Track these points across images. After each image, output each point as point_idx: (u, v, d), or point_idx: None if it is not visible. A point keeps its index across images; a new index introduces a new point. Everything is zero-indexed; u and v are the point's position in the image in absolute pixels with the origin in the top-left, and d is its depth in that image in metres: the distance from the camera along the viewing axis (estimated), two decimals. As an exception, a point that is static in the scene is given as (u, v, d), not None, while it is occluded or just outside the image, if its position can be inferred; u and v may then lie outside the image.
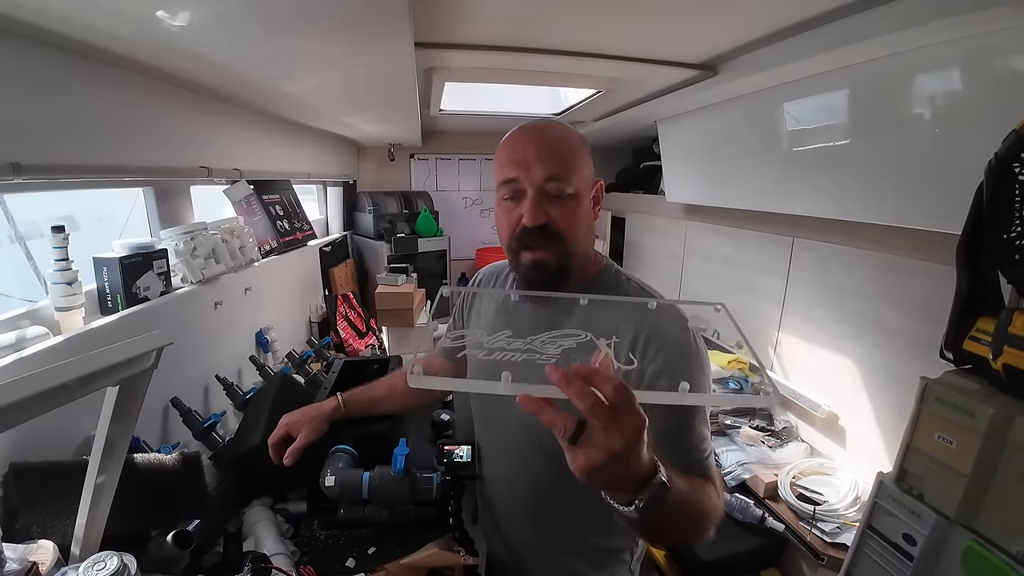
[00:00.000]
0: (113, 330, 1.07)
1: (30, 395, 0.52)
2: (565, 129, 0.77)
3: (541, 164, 0.72)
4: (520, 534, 0.88)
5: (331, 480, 1.02)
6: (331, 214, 3.10)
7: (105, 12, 0.78)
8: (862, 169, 1.39)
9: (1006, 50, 0.95)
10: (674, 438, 0.69)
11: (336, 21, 0.91)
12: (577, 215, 0.75)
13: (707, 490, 0.66)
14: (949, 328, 0.86)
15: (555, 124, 0.78)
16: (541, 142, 0.74)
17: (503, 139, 0.78)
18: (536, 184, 0.72)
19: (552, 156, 0.73)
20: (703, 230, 2.42)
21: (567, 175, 0.73)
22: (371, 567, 0.97)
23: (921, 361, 1.30)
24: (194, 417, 1.17)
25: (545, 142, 0.74)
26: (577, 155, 0.75)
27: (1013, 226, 0.74)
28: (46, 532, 0.77)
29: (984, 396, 0.78)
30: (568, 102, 2.25)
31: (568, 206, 0.74)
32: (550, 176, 0.72)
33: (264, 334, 1.82)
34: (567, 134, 0.76)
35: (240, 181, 1.80)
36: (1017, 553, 0.71)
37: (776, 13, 1.14)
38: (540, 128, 0.76)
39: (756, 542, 1.48)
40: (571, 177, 0.73)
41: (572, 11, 1.15)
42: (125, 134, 1.09)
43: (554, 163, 0.72)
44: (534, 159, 0.72)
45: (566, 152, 0.74)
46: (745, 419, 1.89)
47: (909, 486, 0.88)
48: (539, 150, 0.73)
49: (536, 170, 0.72)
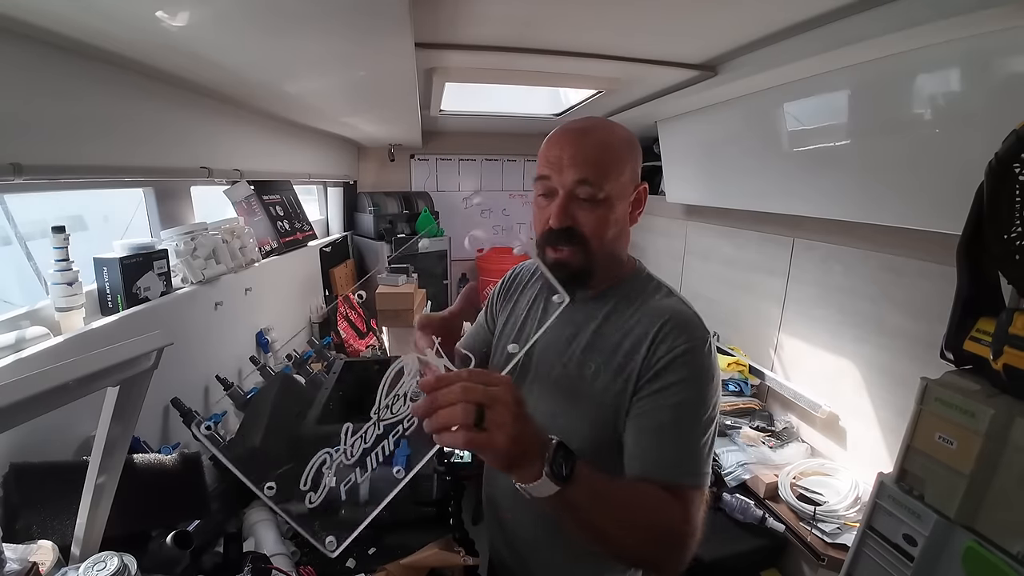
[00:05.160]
0: (113, 330, 1.07)
1: (30, 395, 0.52)
2: (609, 132, 0.76)
3: (574, 167, 0.72)
4: (523, 535, 0.88)
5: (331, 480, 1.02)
6: (331, 214, 3.10)
7: (105, 12, 0.79)
8: (862, 169, 1.39)
9: (1006, 50, 0.95)
10: (666, 439, 0.68)
11: (336, 22, 0.91)
12: (607, 220, 0.74)
13: (667, 504, 0.64)
14: (949, 328, 0.86)
15: (601, 126, 0.77)
16: (579, 144, 0.73)
17: (547, 138, 0.78)
18: (566, 187, 0.73)
19: (587, 160, 0.72)
20: (703, 230, 2.42)
21: (600, 180, 0.72)
22: (371, 567, 0.97)
23: (922, 361, 1.30)
24: (194, 417, 1.17)
25: (583, 145, 0.73)
26: (616, 160, 0.74)
27: (1013, 226, 0.74)
28: (46, 532, 0.77)
29: (984, 396, 0.78)
30: (568, 102, 2.25)
31: (597, 212, 0.73)
32: (581, 180, 0.72)
33: (264, 334, 1.82)
34: (609, 138, 0.75)
35: (240, 181, 1.79)
36: (1017, 553, 0.71)
37: (776, 13, 1.14)
38: (583, 130, 0.75)
39: (756, 542, 1.48)
40: (605, 182, 0.72)
41: (572, 11, 1.15)
42: (125, 134, 1.09)
43: (588, 167, 0.72)
44: (568, 161, 0.72)
45: (603, 157, 0.73)
46: (745, 419, 1.89)
47: (910, 486, 0.88)
48: (575, 153, 0.72)
49: (568, 172, 0.72)
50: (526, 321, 0.90)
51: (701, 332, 0.73)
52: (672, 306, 0.76)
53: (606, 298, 0.81)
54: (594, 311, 0.80)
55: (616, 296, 0.80)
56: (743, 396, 1.97)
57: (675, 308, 0.76)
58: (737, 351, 2.09)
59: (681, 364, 0.70)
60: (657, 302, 0.78)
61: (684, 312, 0.75)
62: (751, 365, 2.01)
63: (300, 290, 2.29)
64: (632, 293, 0.80)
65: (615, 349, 0.75)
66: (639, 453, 0.70)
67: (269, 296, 1.88)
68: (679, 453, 0.68)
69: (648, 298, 0.79)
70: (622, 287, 0.81)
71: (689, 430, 0.69)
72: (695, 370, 0.70)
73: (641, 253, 2.97)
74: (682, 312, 0.75)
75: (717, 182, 2.15)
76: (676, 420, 0.69)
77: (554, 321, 0.83)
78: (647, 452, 0.69)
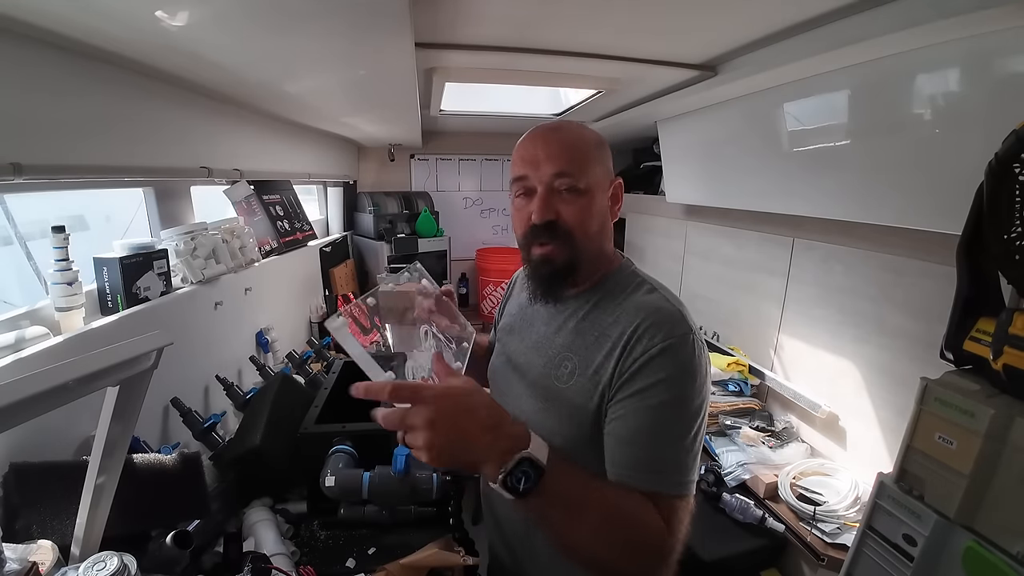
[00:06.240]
0: (113, 330, 1.07)
1: (30, 395, 0.52)
2: (579, 129, 0.78)
3: (551, 161, 0.73)
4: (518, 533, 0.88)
5: (331, 480, 1.02)
6: (331, 214, 3.10)
7: (104, 12, 0.79)
8: (862, 169, 1.39)
9: (1006, 50, 0.95)
10: (644, 445, 0.66)
11: (336, 21, 0.91)
12: (589, 211, 0.75)
13: (648, 517, 0.62)
14: (949, 328, 0.85)
15: (570, 124, 0.79)
16: (552, 140, 0.75)
17: (519, 141, 0.79)
18: (545, 181, 0.73)
19: (562, 153, 0.73)
20: (703, 230, 2.41)
21: (578, 172, 0.73)
22: (371, 567, 0.97)
23: (922, 361, 1.30)
24: (194, 417, 1.17)
25: (556, 140, 0.75)
26: (590, 153, 0.75)
27: (1013, 226, 0.74)
28: (46, 532, 0.77)
29: (984, 396, 0.78)
30: (568, 102, 2.25)
31: (579, 203, 0.74)
32: (559, 172, 0.73)
33: (264, 334, 1.82)
34: (580, 133, 0.77)
35: (240, 181, 1.80)
36: (1017, 554, 0.71)
37: (776, 13, 1.14)
38: (553, 128, 0.78)
39: (756, 542, 1.48)
40: (582, 174, 0.73)
41: (572, 11, 1.15)
42: (125, 134, 1.09)
43: (564, 160, 0.73)
44: (544, 157, 0.73)
45: (577, 150, 0.74)
46: (745, 419, 1.88)
47: (909, 486, 0.88)
48: (549, 148, 0.74)
49: (545, 167, 0.73)
50: (517, 322, 0.91)
51: (681, 328, 0.69)
52: (652, 303, 0.73)
53: (589, 295, 0.80)
54: (576, 308, 0.80)
55: (599, 292, 0.79)
56: (743, 396, 1.97)
57: (654, 305, 0.72)
58: (737, 351, 2.09)
59: (658, 365, 0.66)
60: (637, 299, 0.75)
61: (663, 309, 0.71)
62: (751, 365, 2.00)
63: (300, 290, 2.30)
64: (616, 289, 0.79)
65: (591, 347, 0.74)
66: (618, 460, 0.67)
67: (269, 296, 1.88)
68: (659, 461, 0.65)
69: (630, 295, 0.77)
70: (606, 283, 0.80)
71: (669, 435, 0.66)
72: (674, 369, 0.66)
73: (641, 253, 3.00)
74: (661, 309, 0.71)
75: (717, 182, 2.14)
76: (655, 424, 0.66)
77: (540, 319, 0.84)
78: (625, 459, 0.66)
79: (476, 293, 3.55)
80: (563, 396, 0.75)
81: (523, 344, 0.86)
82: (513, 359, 0.87)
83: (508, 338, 0.91)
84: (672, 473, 0.65)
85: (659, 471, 0.65)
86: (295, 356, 1.78)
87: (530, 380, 0.81)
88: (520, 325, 0.90)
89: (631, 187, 3.20)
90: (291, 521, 1.10)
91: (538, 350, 0.82)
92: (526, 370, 0.83)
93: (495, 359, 0.94)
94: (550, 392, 0.77)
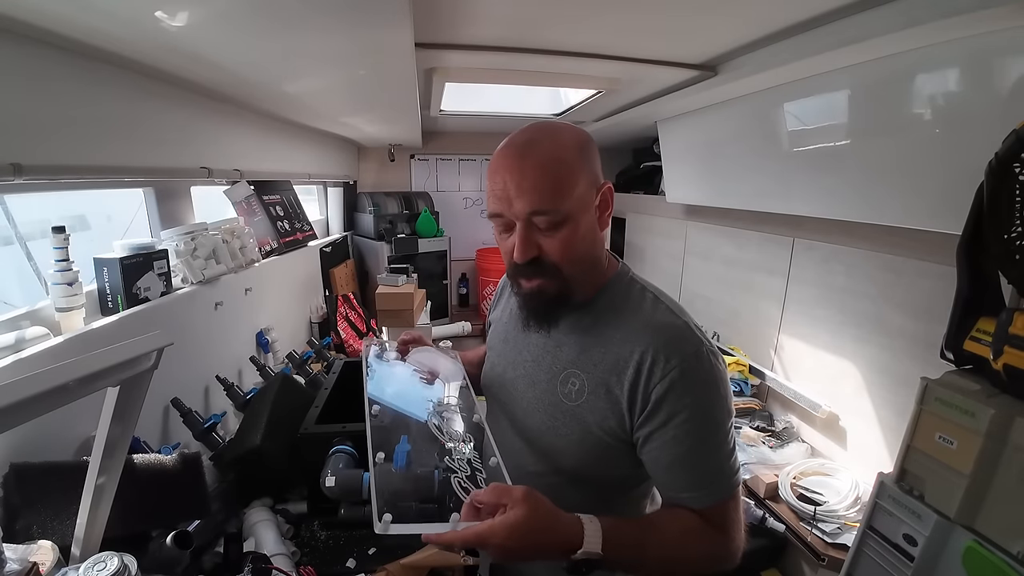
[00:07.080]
0: (113, 331, 1.07)
1: (30, 396, 0.52)
2: (553, 142, 0.68)
3: (523, 197, 0.66)
4: None
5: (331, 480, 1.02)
6: (331, 215, 3.10)
7: (104, 12, 0.79)
8: (862, 169, 1.39)
9: (1006, 50, 0.95)
10: (688, 468, 0.68)
11: (336, 21, 0.91)
12: (572, 240, 0.69)
13: (705, 534, 0.67)
14: (950, 328, 0.85)
15: (542, 137, 0.68)
16: (524, 169, 0.66)
17: (489, 162, 0.72)
18: (521, 219, 0.67)
19: (536, 185, 0.65)
20: (703, 230, 2.42)
21: (555, 201, 0.66)
22: (371, 567, 0.97)
23: (922, 361, 1.30)
24: (194, 418, 1.17)
25: (529, 168, 0.66)
26: (570, 169, 0.67)
27: (1013, 226, 0.74)
28: (46, 533, 0.77)
29: (985, 396, 0.78)
30: (568, 102, 2.25)
31: (560, 235, 0.68)
32: (534, 210, 0.66)
33: (264, 334, 1.82)
34: (555, 147, 0.67)
35: (240, 181, 1.80)
36: (1017, 553, 0.71)
37: (776, 13, 1.14)
38: (520, 154, 0.67)
39: (756, 543, 1.48)
40: (561, 201, 0.66)
41: (572, 11, 1.15)
42: (125, 134, 1.09)
43: (537, 194, 0.65)
44: (515, 192, 0.66)
45: (552, 173, 0.66)
46: (745, 419, 1.89)
47: (910, 486, 0.88)
48: (522, 179, 0.66)
49: (518, 204, 0.66)
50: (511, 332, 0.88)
51: (693, 344, 0.68)
52: (659, 321, 0.70)
53: (589, 307, 0.76)
54: (576, 320, 0.76)
55: (600, 303, 0.76)
56: (743, 396, 1.97)
57: (661, 323, 0.70)
58: (737, 351, 2.09)
59: (681, 389, 0.66)
60: (644, 316, 0.72)
61: (672, 325, 0.70)
62: (751, 365, 2.01)
63: (300, 290, 2.30)
64: (616, 300, 0.75)
65: (599, 364, 0.72)
66: (666, 483, 0.71)
67: (269, 296, 1.88)
68: (705, 477, 0.68)
69: (634, 309, 0.74)
70: (606, 292, 0.77)
71: (707, 449, 0.67)
72: (697, 388, 0.67)
73: (641, 253, 3.00)
74: (669, 326, 0.69)
75: (717, 182, 2.14)
76: (693, 445, 0.67)
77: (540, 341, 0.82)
78: (673, 483, 0.70)
79: (476, 293, 3.56)
80: (574, 415, 0.73)
81: (521, 356, 0.83)
82: (512, 371, 0.84)
83: (503, 347, 0.88)
84: (719, 482, 0.68)
85: (707, 485, 0.68)
86: (295, 356, 1.78)
87: (534, 395, 0.79)
88: (515, 335, 0.86)
89: (631, 187, 3.20)
90: (291, 521, 1.10)
91: (539, 364, 0.79)
92: (529, 385, 0.80)
93: (491, 369, 0.90)
94: (559, 410, 0.75)
